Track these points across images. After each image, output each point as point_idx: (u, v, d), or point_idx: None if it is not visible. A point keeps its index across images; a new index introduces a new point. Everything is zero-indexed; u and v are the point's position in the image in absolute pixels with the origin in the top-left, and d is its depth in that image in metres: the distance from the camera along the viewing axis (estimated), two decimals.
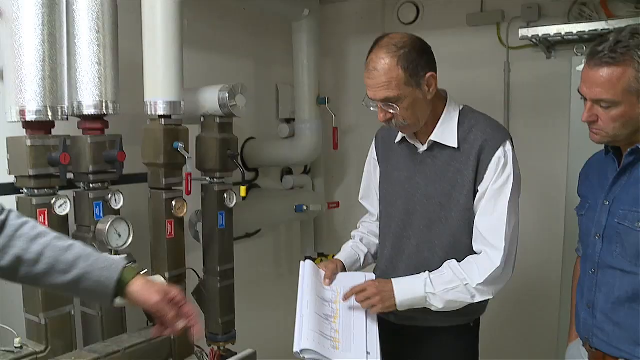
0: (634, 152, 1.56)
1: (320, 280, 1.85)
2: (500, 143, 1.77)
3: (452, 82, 1.93)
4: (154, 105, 2.06)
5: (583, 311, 1.70)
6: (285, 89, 3.57)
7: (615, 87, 1.46)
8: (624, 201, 1.57)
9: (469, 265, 1.76)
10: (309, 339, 1.61)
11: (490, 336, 2.15)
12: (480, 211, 1.78)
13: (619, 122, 1.51)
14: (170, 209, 2.09)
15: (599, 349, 1.64)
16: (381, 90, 1.69)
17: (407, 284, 1.75)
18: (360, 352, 1.67)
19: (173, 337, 2.14)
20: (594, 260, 1.65)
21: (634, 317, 1.54)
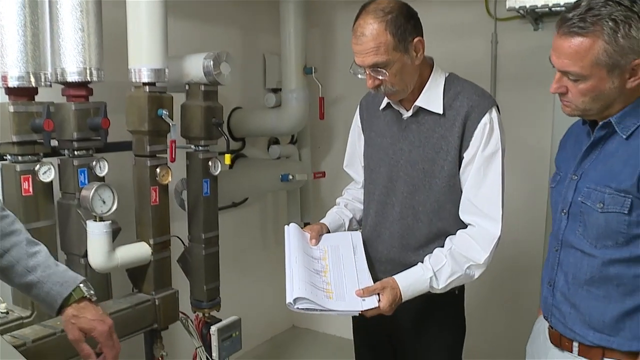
0: (606, 126, 1.46)
1: (306, 241, 1.86)
2: (487, 110, 1.75)
3: (439, 53, 1.92)
4: (138, 72, 2.04)
5: (545, 289, 1.64)
6: (273, 58, 3.55)
7: (583, 60, 1.36)
8: (590, 178, 1.49)
9: (468, 244, 1.75)
10: (301, 288, 1.59)
11: (475, 305, 2.19)
12: (471, 181, 1.76)
13: (588, 96, 1.41)
14: (154, 176, 2.08)
15: (556, 328, 1.59)
16: (370, 56, 1.67)
17: (412, 286, 1.74)
18: (355, 300, 1.65)
19: (157, 303, 2.16)
20: (558, 237, 1.58)
21: (590, 300, 1.48)
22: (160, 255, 2.14)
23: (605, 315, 1.45)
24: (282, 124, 3.31)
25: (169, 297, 2.17)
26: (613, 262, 1.43)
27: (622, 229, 1.40)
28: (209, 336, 2.34)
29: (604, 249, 1.44)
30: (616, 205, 1.40)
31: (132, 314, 2.05)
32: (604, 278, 1.45)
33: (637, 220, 1.38)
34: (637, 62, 1.35)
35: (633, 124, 1.42)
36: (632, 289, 1.42)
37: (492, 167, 1.74)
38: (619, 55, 1.34)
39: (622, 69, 1.36)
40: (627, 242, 1.40)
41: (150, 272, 2.13)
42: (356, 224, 2.06)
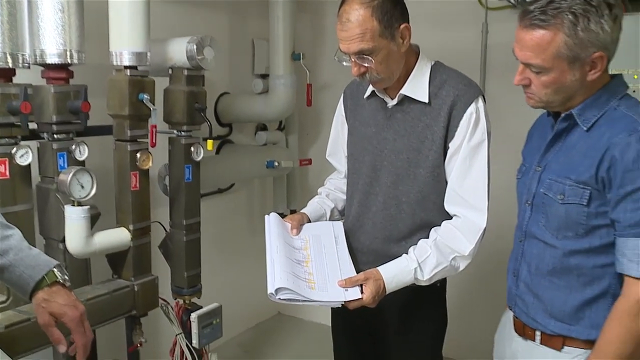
0: (568, 118, 1.51)
1: (287, 231, 1.86)
2: (473, 99, 1.75)
3: (429, 42, 1.92)
4: (120, 55, 2.05)
5: (509, 279, 1.70)
6: (262, 43, 3.55)
7: (544, 52, 1.40)
8: (552, 170, 1.53)
9: (453, 235, 1.75)
10: (283, 278, 1.58)
11: (458, 299, 2.18)
12: (456, 171, 1.76)
13: (550, 88, 1.45)
14: (134, 161, 2.08)
15: (520, 318, 1.65)
16: (355, 43, 1.66)
17: (396, 277, 1.72)
18: (338, 291, 1.64)
19: (137, 289, 2.14)
20: (522, 228, 1.63)
21: (552, 290, 1.54)
22: (140, 241, 2.16)
23: (566, 305, 1.52)
24: (269, 110, 3.31)
25: (149, 284, 2.18)
26: (573, 253, 1.48)
27: (581, 220, 1.45)
28: (189, 323, 2.33)
29: (564, 240, 1.49)
30: (575, 197, 1.45)
31: (109, 300, 2.08)
32: (565, 268, 1.51)
33: (596, 212, 1.44)
34: (596, 55, 1.40)
35: (593, 115, 1.47)
36: (591, 279, 1.48)
37: (477, 157, 1.74)
38: (579, 48, 1.38)
39: (582, 62, 1.40)
40: (587, 233, 1.46)
41: (129, 258, 2.15)
42: (338, 214, 2.05)
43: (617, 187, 1.38)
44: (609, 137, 1.40)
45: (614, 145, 1.38)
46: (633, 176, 1.35)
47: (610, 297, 1.47)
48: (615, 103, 1.46)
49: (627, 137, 1.37)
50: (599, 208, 1.43)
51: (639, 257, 1.36)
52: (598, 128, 1.45)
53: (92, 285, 2.15)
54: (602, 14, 1.36)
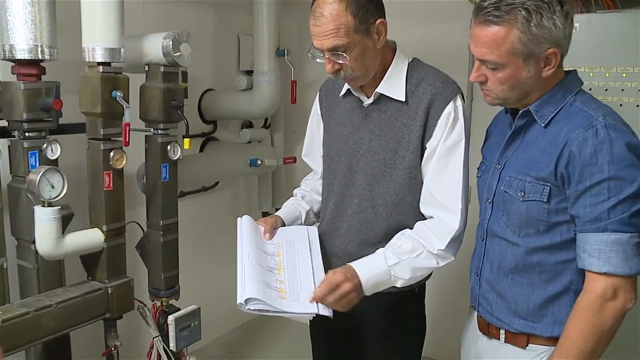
0: (525, 115, 1.55)
1: (260, 235, 1.82)
2: (451, 97, 1.73)
3: (416, 37, 1.89)
4: (92, 51, 2.03)
5: (472, 278, 1.73)
6: (248, 39, 3.54)
7: (499, 49, 1.43)
8: (512, 167, 1.56)
9: (424, 233, 1.72)
10: (253, 288, 1.55)
11: (438, 302, 2.14)
12: (431, 171, 1.75)
13: (506, 84, 1.49)
14: (108, 160, 2.04)
15: (484, 317, 1.68)
16: (329, 39, 1.63)
17: (367, 262, 1.68)
18: (310, 301, 1.60)
19: (110, 291, 2.10)
20: (483, 227, 1.66)
21: (514, 287, 1.57)
22: (113, 242, 2.15)
23: (529, 302, 1.55)
24: (253, 108, 3.30)
25: (123, 286, 2.16)
26: (535, 250, 1.52)
27: (542, 217, 1.49)
28: (167, 326, 2.28)
29: (526, 237, 1.53)
30: (536, 194, 1.48)
31: (82, 303, 2.07)
32: (527, 266, 1.54)
33: (556, 208, 1.47)
34: (550, 51, 1.44)
35: (550, 111, 1.51)
36: (553, 275, 1.52)
37: (453, 157, 1.74)
38: (533, 44, 1.42)
39: (537, 58, 1.45)
40: (548, 230, 1.49)
41: (103, 259, 2.14)
42: (313, 217, 2.02)
43: (576, 183, 1.41)
44: (566, 133, 1.44)
45: (572, 141, 1.42)
46: (591, 171, 1.39)
47: (572, 293, 1.50)
48: (571, 98, 1.51)
49: (584, 132, 1.41)
50: (559, 204, 1.47)
51: (599, 252, 1.40)
52: (556, 124, 1.49)
53: (65, 287, 2.14)
54: (554, 10, 1.40)
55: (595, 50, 2.39)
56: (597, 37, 2.38)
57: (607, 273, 1.39)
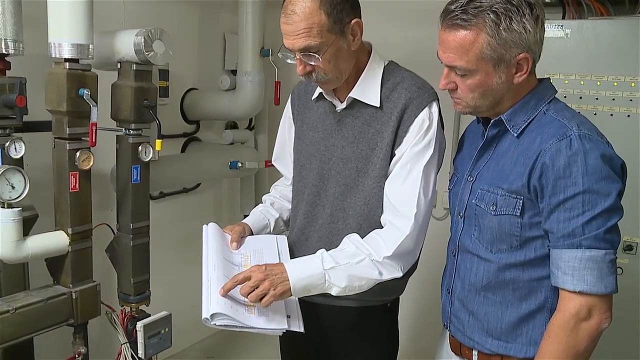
0: (498, 124, 1.48)
1: (226, 244, 1.73)
2: (426, 104, 1.65)
3: (400, 39, 1.79)
4: (58, 47, 1.95)
5: (443, 296, 1.66)
6: (233, 38, 3.44)
7: (468, 54, 1.37)
8: (484, 179, 1.50)
9: (372, 239, 1.63)
10: (220, 302, 1.47)
11: (412, 317, 2.06)
12: (393, 176, 1.66)
13: (476, 91, 1.42)
14: (74, 161, 1.95)
15: (455, 337, 1.61)
16: (300, 39, 1.54)
17: (301, 263, 1.59)
18: (279, 316, 1.53)
19: (75, 296, 2.02)
20: (455, 242, 1.59)
21: (487, 306, 1.50)
22: (79, 246, 2.08)
23: (503, 321, 1.48)
24: (235, 108, 3.23)
25: (89, 291, 2.10)
26: (508, 267, 1.45)
27: (515, 232, 1.42)
28: (135, 332, 2.18)
29: (499, 253, 1.46)
30: (508, 207, 1.41)
31: (44, 308, 2.00)
32: (500, 283, 1.47)
33: (530, 223, 1.40)
34: (521, 56, 1.37)
35: (523, 121, 1.44)
36: (527, 292, 1.45)
37: (418, 164, 1.64)
38: (502, 48, 1.36)
39: (507, 64, 1.38)
40: (521, 246, 1.42)
41: (68, 263, 2.05)
42: (283, 225, 1.94)
43: (549, 196, 1.35)
44: (539, 143, 1.37)
45: (545, 152, 1.35)
46: (564, 184, 1.32)
47: (547, 311, 1.44)
48: (544, 107, 1.44)
49: (557, 142, 1.34)
50: (532, 218, 1.40)
51: (573, 269, 1.33)
52: (529, 134, 1.42)
53: (27, 291, 2.06)
54: (524, 13, 1.34)
55: (587, 58, 2.32)
56: (588, 44, 2.31)
57: (581, 292, 1.32)
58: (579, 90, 2.34)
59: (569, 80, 2.35)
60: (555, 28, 2.35)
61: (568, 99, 1.79)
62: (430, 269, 1.80)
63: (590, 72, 2.34)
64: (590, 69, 2.33)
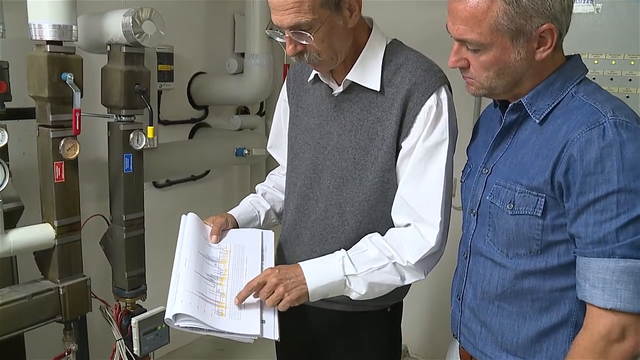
0: (517, 108, 1.27)
1: (206, 237, 1.59)
2: (434, 89, 1.45)
3: (417, 21, 1.61)
4: (39, 28, 1.80)
5: (453, 302, 1.45)
6: (243, 20, 3.26)
7: (480, 25, 1.15)
8: (500, 172, 1.29)
9: (396, 241, 1.47)
10: (185, 301, 1.32)
11: (416, 321, 1.91)
12: (408, 175, 1.48)
13: (491, 70, 1.21)
14: (58, 150, 1.83)
15: (465, 349, 1.41)
16: (290, 14, 1.35)
17: (320, 266, 1.44)
18: (253, 320, 1.37)
19: (63, 291, 1.92)
20: (467, 242, 1.38)
21: (502, 317, 1.30)
22: (66, 239, 1.95)
23: (519, 335, 1.28)
24: (243, 92, 3.07)
25: (78, 286, 1.98)
26: (527, 274, 1.24)
27: (535, 235, 1.21)
28: (130, 328, 2.08)
29: (516, 258, 1.25)
30: (528, 206, 1.21)
31: (28, 305, 1.89)
32: (517, 292, 1.27)
33: (553, 225, 1.19)
34: (544, 27, 1.15)
35: (547, 105, 1.23)
36: (548, 304, 1.24)
37: (434, 160, 1.45)
38: (521, 18, 1.14)
39: (528, 36, 1.16)
40: (542, 251, 1.22)
41: (54, 257, 1.92)
42: (275, 218, 1.79)
43: (577, 195, 1.13)
44: (566, 132, 1.15)
45: (572, 142, 1.13)
46: (596, 181, 1.11)
47: (572, 326, 1.23)
48: (573, 89, 1.22)
49: (588, 131, 1.12)
50: (555, 220, 1.18)
51: (604, 282, 1.11)
52: (553, 120, 1.21)
53: (12, 287, 1.94)
54: None
55: (620, 35, 2.11)
56: (621, 19, 2.11)
57: (613, 309, 1.10)
58: (610, 71, 2.14)
59: (598, 60, 2.15)
60: (584, 2, 2.14)
61: (597, 81, 1.63)
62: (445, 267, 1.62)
63: (623, 51, 2.13)
64: (624, 48, 2.12)
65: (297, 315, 1.55)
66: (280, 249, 1.66)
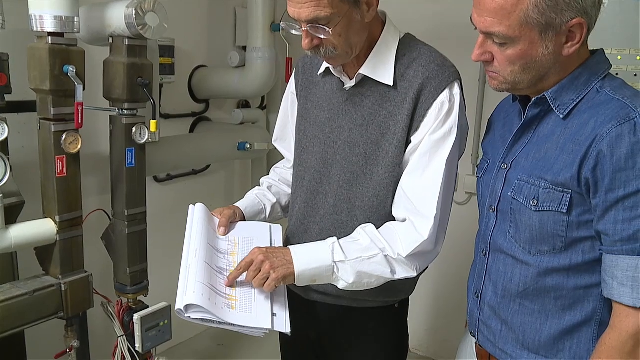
0: (540, 103, 1.25)
1: (214, 229, 1.56)
2: (446, 84, 1.43)
3: (424, 13, 1.59)
4: (40, 19, 1.75)
5: (471, 300, 1.43)
6: (245, 13, 3.24)
7: (509, 18, 1.13)
8: (522, 167, 1.26)
9: (390, 233, 1.44)
10: (197, 292, 1.29)
11: (425, 320, 1.89)
12: (410, 167, 1.46)
13: (517, 64, 1.18)
14: (59, 144, 1.79)
15: (484, 347, 1.38)
16: (309, 8, 1.33)
17: (309, 250, 1.43)
18: (264, 314, 1.35)
19: (64, 288, 1.88)
20: (486, 239, 1.36)
21: (523, 315, 1.28)
22: (68, 235, 1.91)
23: (542, 334, 1.26)
24: (245, 86, 3.04)
25: (79, 282, 1.94)
26: (550, 272, 1.22)
27: (560, 232, 1.19)
28: (132, 324, 2.05)
29: (539, 255, 1.23)
30: (553, 203, 1.18)
31: (30, 301, 1.84)
32: (540, 290, 1.25)
33: (578, 222, 1.17)
34: (575, 21, 1.13)
35: (572, 100, 1.20)
36: (572, 302, 1.22)
37: (439, 154, 1.43)
38: (552, 11, 1.11)
39: (557, 31, 1.14)
40: (566, 248, 1.19)
41: (56, 253, 1.88)
42: (280, 212, 1.76)
43: (606, 191, 1.11)
44: (593, 127, 1.13)
45: (602, 137, 1.10)
46: (626, 177, 1.08)
47: (595, 325, 1.21)
48: (598, 84, 1.19)
49: (618, 126, 1.10)
50: (581, 217, 1.16)
51: (634, 280, 1.09)
52: (579, 115, 1.18)
53: (14, 283, 1.89)
54: None
55: (626, 30, 2.10)
56: (628, 14, 2.09)
57: None
58: (616, 66, 2.08)
59: None
60: None
61: None
62: (449, 264, 1.59)
63: (629, 46, 2.11)
64: (630, 42, 2.10)
65: (304, 311, 1.53)
66: (288, 243, 1.63)
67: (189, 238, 1.48)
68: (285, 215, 1.78)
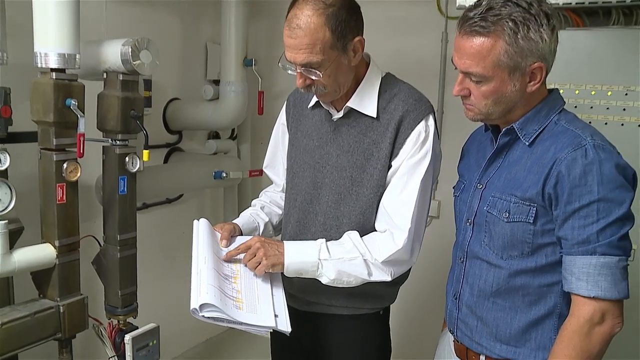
0: (509, 133, 1.48)
1: (216, 241, 1.72)
2: (423, 116, 1.64)
3: (386, 49, 1.79)
4: (45, 57, 1.88)
5: (449, 302, 1.64)
6: (215, 48, 3.40)
7: (484, 60, 1.36)
8: (495, 186, 1.48)
9: (371, 241, 1.64)
10: (210, 293, 1.44)
11: (404, 325, 2.05)
12: (390, 187, 1.66)
13: (490, 98, 1.41)
14: (61, 172, 1.90)
15: (462, 342, 1.59)
16: (303, 54, 1.53)
17: (300, 246, 1.63)
18: (268, 314, 1.51)
19: (62, 310, 1.97)
20: (463, 248, 1.57)
21: (496, 311, 1.49)
22: (66, 258, 2.01)
23: (512, 326, 1.47)
24: (219, 118, 3.18)
25: (76, 304, 2.03)
26: (519, 273, 1.44)
27: (527, 239, 1.41)
28: (123, 345, 2.14)
29: (510, 259, 1.45)
30: (521, 215, 1.41)
31: (30, 323, 1.92)
32: (510, 289, 1.46)
33: (542, 230, 1.40)
34: (536, 65, 1.37)
35: (534, 130, 1.44)
36: (537, 298, 1.45)
37: (415, 175, 1.64)
38: (519, 56, 1.35)
39: (522, 72, 1.37)
40: (533, 252, 1.42)
41: (55, 276, 1.98)
42: (272, 230, 1.93)
43: (565, 204, 1.34)
44: (554, 153, 1.37)
45: (560, 161, 1.34)
46: (580, 192, 1.32)
47: (556, 317, 1.44)
48: (555, 117, 1.44)
49: (573, 152, 1.34)
50: (545, 226, 1.39)
51: (588, 275, 1.32)
52: (541, 143, 1.42)
53: (13, 306, 1.97)
54: (541, 23, 1.34)
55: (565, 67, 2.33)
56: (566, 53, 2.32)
57: (595, 297, 1.31)
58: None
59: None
60: None
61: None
62: (422, 274, 1.78)
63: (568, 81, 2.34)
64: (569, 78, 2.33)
65: (297, 319, 1.68)
66: None
67: (197, 248, 1.64)
68: (275, 233, 1.95)
